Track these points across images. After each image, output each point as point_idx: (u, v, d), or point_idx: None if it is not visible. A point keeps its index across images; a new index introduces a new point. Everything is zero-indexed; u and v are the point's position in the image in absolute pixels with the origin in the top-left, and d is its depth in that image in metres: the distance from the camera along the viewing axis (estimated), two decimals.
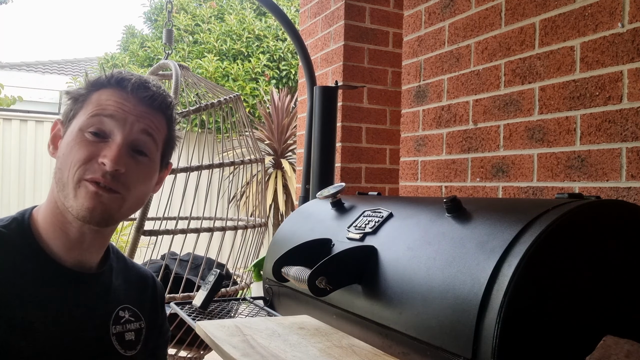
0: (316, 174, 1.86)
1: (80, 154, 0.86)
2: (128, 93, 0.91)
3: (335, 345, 0.97)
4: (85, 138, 0.87)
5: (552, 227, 0.75)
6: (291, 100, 5.81)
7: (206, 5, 7.58)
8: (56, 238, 0.89)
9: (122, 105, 0.90)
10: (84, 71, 9.24)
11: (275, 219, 5.48)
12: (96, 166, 0.86)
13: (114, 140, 0.88)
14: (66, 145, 0.88)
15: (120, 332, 0.95)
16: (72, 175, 0.86)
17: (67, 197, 0.86)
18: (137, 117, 0.90)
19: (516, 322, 0.71)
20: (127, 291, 1.01)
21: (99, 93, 0.91)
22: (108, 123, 0.88)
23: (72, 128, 0.90)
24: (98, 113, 0.88)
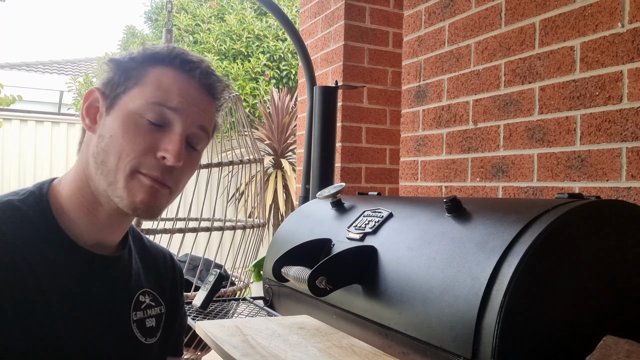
0: (316, 174, 1.86)
1: (138, 143, 0.79)
2: (194, 79, 0.84)
3: (335, 345, 0.97)
4: (142, 124, 0.80)
5: (552, 227, 0.75)
6: (291, 100, 5.81)
7: (206, 5, 7.58)
8: (80, 218, 0.83)
9: (186, 96, 0.82)
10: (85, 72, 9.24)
11: (275, 219, 5.48)
12: (154, 161, 0.80)
13: (174, 132, 0.81)
14: (118, 127, 0.80)
15: (141, 318, 0.89)
16: (124, 164, 0.79)
17: (114, 186, 0.80)
18: (198, 109, 0.83)
19: (516, 322, 0.71)
20: (146, 274, 0.94)
21: (159, 72, 0.82)
22: (170, 114, 0.81)
23: (123, 106, 0.81)
24: (161, 102, 0.80)
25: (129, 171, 0.79)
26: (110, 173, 0.80)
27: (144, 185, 0.80)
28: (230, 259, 2.19)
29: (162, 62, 0.83)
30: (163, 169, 0.80)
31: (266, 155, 5.68)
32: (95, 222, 0.84)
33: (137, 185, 0.80)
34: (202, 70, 0.84)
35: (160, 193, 0.81)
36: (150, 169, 0.80)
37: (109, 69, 0.84)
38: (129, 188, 0.79)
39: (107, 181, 0.80)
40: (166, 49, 0.84)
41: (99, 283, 0.84)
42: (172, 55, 0.83)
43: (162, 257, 1.02)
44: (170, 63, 0.83)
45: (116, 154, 0.79)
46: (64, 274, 0.79)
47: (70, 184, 0.84)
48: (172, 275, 1.02)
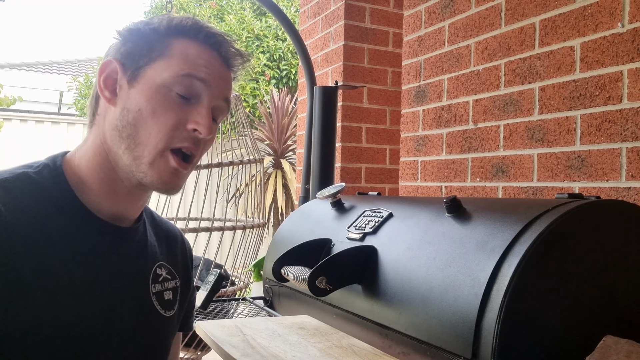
0: (316, 174, 1.86)
1: (168, 118, 0.78)
2: (218, 53, 0.84)
3: (335, 345, 0.97)
4: (171, 98, 0.79)
5: (552, 227, 0.75)
6: (291, 100, 5.81)
7: (206, 5, 7.58)
8: (100, 191, 0.81)
9: (212, 67, 0.82)
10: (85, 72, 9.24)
11: (275, 219, 5.48)
12: (185, 133, 0.79)
13: (203, 105, 0.81)
14: (146, 101, 0.78)
15: (159, 290, 0.89)
16: (156, 141, 0.78)
17: (139, 160, 0.79)
18: (223, 81, 0.84)
19: (516, 322, 0.71)
20: (160, 247, 0.94)
21: (183, 44, 0.81)
22: (198, 86, 0.80)
23: (149, 78, 0.79)
24: (191, 74, 0.79)
25: (161, 148, 0.78)
26: (139, 147, 0.79)
27: (171, 167, 0.80)
28: (230, 259, 2.19)
29: (186, 34, 0.82)
30: (196, 140, 0.80)
31: (266, 155, 5.68)
32: (115, 196, 0.83)
33: (164, 165, 0.79)
34: (227, 43, 0.85)
35: (183, 174, 0.82)
36: (183, 141, 0.79)
37: (127, 39, 0.82)
38: (155, 165, 0.79)
39: (133, 155, 0.79)
40: (190, 21, 0.84)
41: (118, 255, 0.83)
42: (197, 28, 0.83)
43: (172, 231, 1.02)
44: (195, 36, 0.82)
45: (146, 129, 0.78)
46: (83, 244, 0.78)
47: (90, 158, 0.82)
48: (182, 251, 1.02)
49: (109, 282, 0.80)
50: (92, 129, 0.85)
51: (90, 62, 10.71)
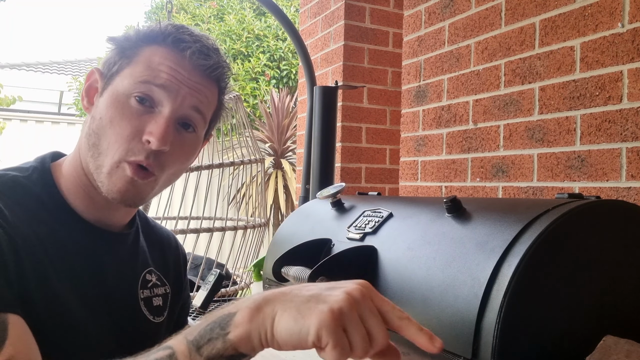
0: (316, 174, 1.86)
1: (124, 128, 0.76)
2: (185, 59, 0.79)
3: None
4: (129, 106, 0.77)
5: (552, 227, 0.75)
6: (291, 100, 5.81)
7: (206, 5, 7.58)
8: (79, 198, 0.81)
9: (176, 73, 0.79)
10: (85, 72, 9.24)
11: (276, 219, 5.48)
12: (140, 146, 0.77)
13: (162, 114, 0.78)
14: (107, 109, 0.78)
15: (148, 296, 0.88)
16: (113, 152, 0.77)
17: (100, 170, 0.78)
18: (191, 89, 0.80)
19: (516, 322, 0.71)
20: (152, 253, 0.94)
21: (151, 50, 0.80)
22: (158, 92, 0.78)
23: (114, 86, 0.79)
24: (148, 80, 0.77)
25: (116, 159, 0.77)
26: (100, 157, 0.78)
27: (125, 176, 0.77)
28: (231, 259, 2.19)
29: (154, 40, 0.80)
30: (148, 153, 0.77)
31: (266, 155, 5.68)
32: (94, 203, 0.82)
33: (119, 175, 0.78)
34: (195, 49, 0.80)
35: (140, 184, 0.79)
36: (136, 155, 0.77)
37: (110, 48, 0.83)
38: (111, 175, 0.78)
39: (96, 164, 0.79)
40: (161, 27, 0.81)
41: (107, 258, 0.82)
42: (165, 34, 0.80)
43: (167, 237, 1.01)
44: (162, 41, 0.80)
45: (106, 138, 0.77)
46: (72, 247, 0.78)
47: (69, 165, 0.83)
48: (175, 256, 1.01)
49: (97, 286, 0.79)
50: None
51: (90, 62, 10.71)
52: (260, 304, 0.53)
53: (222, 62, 0.84)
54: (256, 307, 0.53)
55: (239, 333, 0.52)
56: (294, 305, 0.51)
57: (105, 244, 0.83)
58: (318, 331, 0.49)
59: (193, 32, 0.83)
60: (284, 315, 0.51)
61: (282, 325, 0.51)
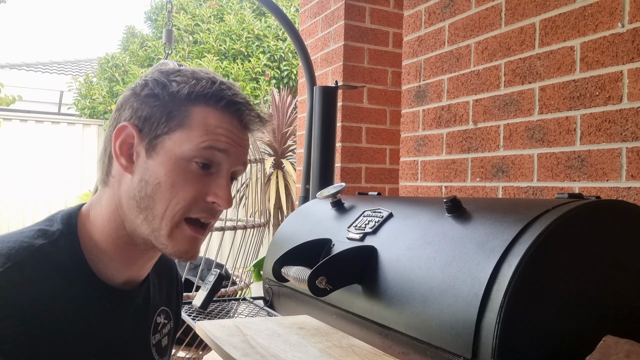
0: (316, 174, 1.86)
1: (187, 191, 0.77)
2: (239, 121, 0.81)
3: (335, 345, 0.97)
4: (191, 170, 0.77)
5: (552, 227, 0.75)
6: (292, 100, 5.81)
7: (206, 5, 7.58)
8: (114, 256, 0.81)
9: (232, 136, 0.80)
10: (85, 72, 9.24)
11: (276, 219, 5.48)
12: (203, 205, 0.78)
13: (222, 175, 0.79)
14: (166, 174, 0.77)
15: (158, 340, 0.90)
16: (172, 213, 0.77)
17: (158, 233, 0.78)
18: (242, 147, 0.82)
19: (516, 322, 0.71)
20: (160, 290, 0.95)
21: (204, 112, 0.78)
22: (219, 156, 0.79)
23: (168, 150, 0.77)
24: (212, 146, 0.77)
25: (177, 220, 0.77)
26: (156, 220, 0.78)
27: (188, 237, 0.79)
28: (231, 259, 2.19)
29: (207, 102, 0.79)
30: (214, 211, 0.80)
31: (267, 155, 5.68)
32: (130, 260, 0.82)
33: (181, 236, 0.78)
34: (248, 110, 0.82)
35: (201, 240, 0.81)
36: (200, 212, 0.78)
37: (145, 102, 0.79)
38: (172, 237, 0.78)
39: (151, 228, 0.78)
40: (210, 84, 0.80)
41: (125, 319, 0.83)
42: (219, 96, 0.80)
43: (170, 268, 1.02)
44: (216, 103, 0.79)
45: (164, 202, 0.77)
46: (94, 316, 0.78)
47: (105, 222, 0.81)
48: (176, 282, 1.03)
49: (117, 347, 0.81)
50: (105, 189, 0.83)
51: (90, 62, 10.71)
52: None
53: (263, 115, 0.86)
54: None
55: None
56: None
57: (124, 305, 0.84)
58: None
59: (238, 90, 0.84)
60: None
61: None
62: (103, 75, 7.21)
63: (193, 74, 0.81)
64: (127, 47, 7.77)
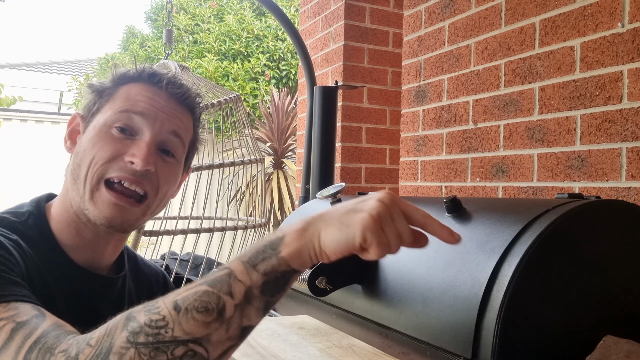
0: (316, 174, 1.86)
1: (105, 150, 0.81)
2: (161, 88, 0.86)
3: (335, 345, 0.97)
4: (110, 134, 0.82)
5: (552, 227, 0.75)
6: (291, 100, 5.81)
7: (206, 5, 7.58)
8: (69, 238, 0.84)
9: (153, 102, 0.85)
10: (85, 72, 9.24)
11: (276, 219, 5.48)
12: (121, 164, 0.81)
13: (143, 139, 0.83)
14: (88, 141, 0.82)
15: None
16: (92, 173, 0.80)
17: (83, 198, 0.81)
18: (168, 115, 0.86)
19: (516, 322, 0.71)
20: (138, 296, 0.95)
21: (127, 87, 0.86)
22: (137, 120, 0.83)
23: (95, 122, 0.84)
24: (127, 109, 0.83)
25: (95, 180, 0.80)
26: (80, 185, 0.82)
27: (107, 201, 0.81)
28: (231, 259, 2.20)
29: (131, 79, 0.87)
30: (133, 172, 0.81)
31: (266, 155, 5.68)
32: (83, 241, 0.85)
33: (101, 199, 0.81)
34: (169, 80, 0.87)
35: (127, 209, 0.82)
36: (119, 171, 0.81)
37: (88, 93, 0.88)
38: (93, 200, 0.81)
39: (79, 195, 0.82)
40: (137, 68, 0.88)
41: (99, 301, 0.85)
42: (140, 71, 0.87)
43: (155, 277, 1.03)
44: (138, 78, 0.87)
45: (86, 164, 0.81)
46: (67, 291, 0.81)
47: (58, 206, 0.86)
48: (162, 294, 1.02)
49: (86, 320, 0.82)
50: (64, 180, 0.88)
51: (90, 62, 10.71)
52: (304, 226, 0.61)
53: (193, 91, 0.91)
54: (301, 229, 0.61)
55: (289, 250, 0.60)
56: (335, 220, 0.60)
57: (97, 287, 0.86)
58: (363, 234, 0.58)
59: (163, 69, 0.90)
60: (328, 229, 0.60)
61: (329, 237, 0.60)
62: (103, 75, 7.21)
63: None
64: (127, 47, 7.78)
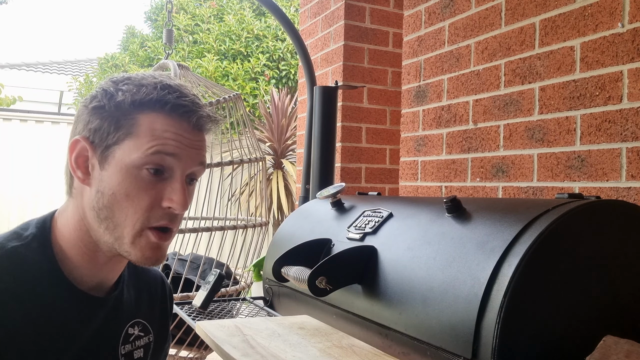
0: (316, 174, 1.86)
1: (142, 200, 0.79)
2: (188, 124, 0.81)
3: (335, 345, 0.97)
4: (142, 177, 0.78)
5: (552, 227, 0.75)
6: (291, 100, 5.81)
7: (206, 5, 7.58)
8: (82, 263, 0.84)
9: (181, 139, 0.80)
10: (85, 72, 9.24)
11: (276, 219, 5.48)
12: (160, 212, 0.80)
13: (176, 179, 0.80)
14: (118, 184, 0.78)
15: (129, 351, 0.91)
16: (132, 222, 0.79)
17: (121, 241, 0.80)
18: (195, 149, 0.82)
19: (516, 322, 0.71)
20: (137, 302, 0.96)
21: (150, 119, 0.79)
22: (169, 161, 0.79)
23: (119, 160, 0.79)
24: (159, 150, 0.78)
25: (138, 229, 0.80)
26: (117, 229, 0.80)
27: (151, 243, 0.81)
28: (231, 259, 2.19)
29: (152, 108, 0.80)
30: (171, 216, 0.81)
31: (266, 155, 5.68)
32: (96, 265, 0.85)
33: (145, 242, 0.80)
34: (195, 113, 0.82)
35: (165, 245, 0.83)
36: (159, 220, 0.80)
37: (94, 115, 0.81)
38: (136, 244, 0.80)
39: (114, 236, 0.80)
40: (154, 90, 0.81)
41: (91, 324, 0.85)
42: (163, 101, 0.80)
43: (154, 281, 1.03)
44: (161, 109, 0.80)
45: (122, 211, 0.79)
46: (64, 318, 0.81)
47: (71, 231, 0.84)
48: (162, 300, 1.04)
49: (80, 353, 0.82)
50: (70, 200, 0.86)
51: (90, 62, 10.71)
52: None
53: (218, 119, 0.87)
54: None
55: None
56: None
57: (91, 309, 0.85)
58: None
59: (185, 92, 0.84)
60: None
61: None
62: (103, 75, 7.21)
63: (141, 80, 0.82)
64: (127, 47, 7.78)
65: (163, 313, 1.03)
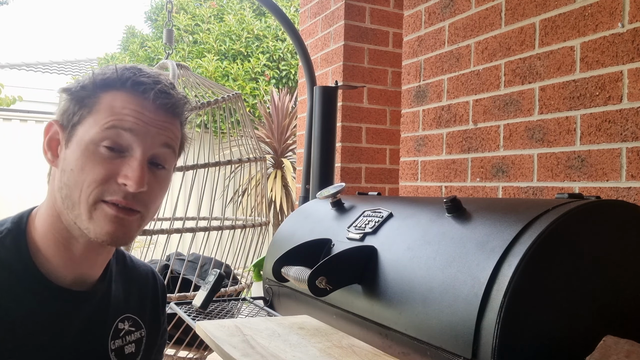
0: (316, 174, 1.86)
1: (96, 173, 0.77)
2: (148, 100, 0.80)
3: (335, 345, 0.97)
4: (99, 153, 0.78)
5: (552, 227, 0.75)
6: (291, 100, 5.81)
7: (206, 5, 7.58)
8: (57, 255, 0.82)
9: (141, 116, 0.79)
10: (85, 72, 9.24)
11: (276, 219, 5.48)
12: (115, 187, 0.78)
13: (134, 157, 0.79)
14: (75, 160, 0.78)
15: (119, 346, 0.90)
16: (86, 196, 0.77)
17: (80, 218, 0.78)
18: (158, 128, 0.81)
19: (516, 322, 0.71)
20: (127, 297, 0.94)
21: (110, 96, 0.80)
22: (126, 137, 0.78)
23: (79, 137, 0.79)
24: (115, 125, 0.78)
25: (92, 202, 0.78)
26: (76, 206, 0.78)
27: (108, 216, 0.78)
28: (231, 258, 2.19)
29: (113, 86, 0.80)
30: (126, 193, 0.78)
31: (266, 155, 5.67)
32: (72, 257, 0.83)
33: (102, 216, 0.78)
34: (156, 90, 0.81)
35: (127, 221, 0.80)
36: (112, 194, 0.78)
37: (65, 98, 0.82)
38: (94, 219, 0.78)
39: (74, 214, 0.79)
40: (116, 72, 0.81)
41: (76, 320, 0.83)
42: (123, 79, 0.80)
43: (145, 276, 1.02)
44: (121, 87, 0.80)
45: (78, 186, 0.78)
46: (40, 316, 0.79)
47: (45, 222, 0.83)
48: (153, 294, 1.02)
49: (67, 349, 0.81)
50: (48, 188, 0.85)
51: (90, 62, 10.71)
52: None
53: (182, 98, 0.86)
54: None
55: None
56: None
57: (74, 305, 0.84)
58: None
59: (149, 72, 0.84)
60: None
61: None
62: None
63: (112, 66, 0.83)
64: (127, 47, 7.78)
65: (155, 307, 1.02)
